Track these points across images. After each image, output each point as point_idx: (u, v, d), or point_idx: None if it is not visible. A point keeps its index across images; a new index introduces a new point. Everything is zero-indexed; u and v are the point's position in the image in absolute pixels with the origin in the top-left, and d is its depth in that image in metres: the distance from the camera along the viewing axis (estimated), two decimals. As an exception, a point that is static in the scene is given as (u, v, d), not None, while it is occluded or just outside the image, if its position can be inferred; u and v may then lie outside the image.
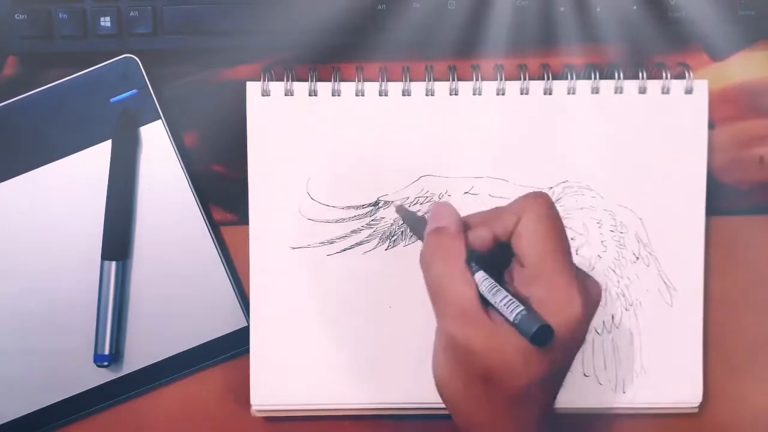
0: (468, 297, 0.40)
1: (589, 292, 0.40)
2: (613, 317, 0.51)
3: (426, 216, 0.50)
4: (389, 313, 0.51)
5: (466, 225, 0.43)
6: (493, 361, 0.39)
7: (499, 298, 0.40)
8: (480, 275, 0.41)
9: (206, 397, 0.53)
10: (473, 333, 0.39)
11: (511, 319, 0.39)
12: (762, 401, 0.53)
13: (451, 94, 0.51)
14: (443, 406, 0.51)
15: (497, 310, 0.40)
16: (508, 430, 0.40)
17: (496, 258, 0.43)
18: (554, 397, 0.42)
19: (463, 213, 0.44)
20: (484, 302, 0.40)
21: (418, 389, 0.51)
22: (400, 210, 0.51)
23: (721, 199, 0.52)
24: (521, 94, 0.51)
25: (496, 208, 0.43)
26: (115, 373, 0.52)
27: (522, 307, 0.39)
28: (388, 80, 0.51)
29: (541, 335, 0.38)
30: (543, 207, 0.41)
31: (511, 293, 0.40)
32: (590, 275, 0.41)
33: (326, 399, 0.51)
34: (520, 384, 0.39)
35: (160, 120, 0.52)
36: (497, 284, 0.40)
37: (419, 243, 0.51)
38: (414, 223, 0.49)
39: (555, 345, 0.38)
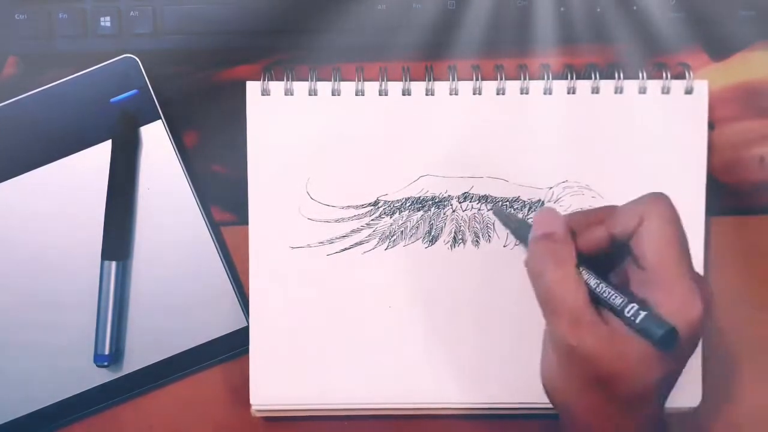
0: (582, 302, 0.40)
1: (704, 293, 0.40)
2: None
3: (527, 219, 0.50)
4: (389, 313, 0.51)
5: (572, 227, 0.43)
6: (612, 366, 0.39)
7: (618, 302, 0.40)
8: (592, 279, 0.41)
9: (206, 397, 0.53)
10: (590, 338, 0.39)
11: (636, 322, 0.39)
12: (762, 401, 0.53)
13: (450, 94, 0.51)
14: (443, 405, 0.51)
15: (614, 314, 0.40)
16: None
17: (602, 260, 0.42)
18: (666, 399, 0.42)
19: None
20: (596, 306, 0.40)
21: (417, 389, 0.51)
22: (499, 213, 0.50)
23: (721, 199, 0.52)
24: (521, 93, 0.51)
25: (607, 207, 0.43)
26: (115, 373, 0.52)
27: (645, 311, 0.39)
28: (388, 80, 0.51)
29: (666, 338, 0.38)
30: (668, 209, 0.41)
31: (627, 296, 0.40)
32: (700, 275, 0.41)
33: (326, 399, 0.51)
34: (639, 387, 0.39)
35: (160, 120, 0.52)
36: (613, 287, 0.40)
37: (419, 243, 0.51)
38: (514, 226, 0.48)
39: (676, 347, 0.38)
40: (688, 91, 0.51)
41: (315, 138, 0.51)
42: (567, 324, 0.40)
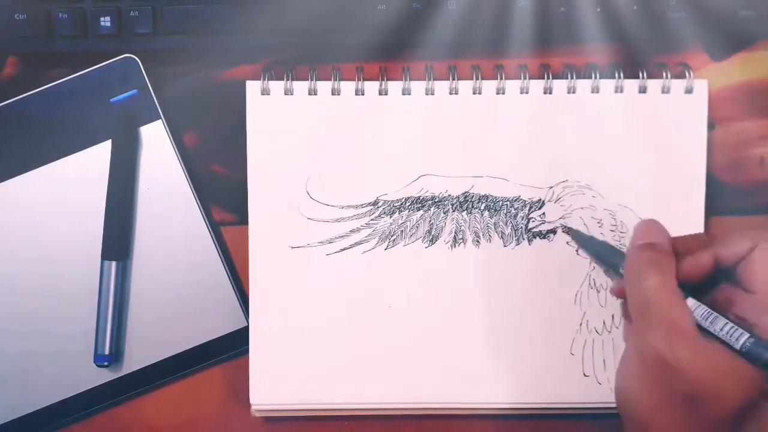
0: (682, 314, 0.40)
1: None
2: (613, 317, 0.51)
3: (602, 241, 0.50)
4: (389, 313, 0.51)
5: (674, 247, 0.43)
6: (703, 382, 0.38)
7: (721, 324, 0.40)
8: (691, 300, 0.41)
9: (206, 397, 0.53)
10: (685, 351, 0.39)
11: (739, 345, 0.39)
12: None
13: (451, 94, 0.51)
14: (442, 405, 0.51)
15: (715, 336, 0.40)
16: None
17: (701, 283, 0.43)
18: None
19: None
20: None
21: (417, 389, 0.51)
22: (578, 237, 0.50)
23: (721, 199, 0.52)
24: (521, 93, 0.51)
25: (702, 234, 0.45)
26: (115, 373, 0.52)
27: (749, 334, 0.39)
28: (388, 79, 0.51)
29: None
30: None
31: (731, 319, 0.40)
32: None
33: (326, 399, 0.51)
34: (728, 407, 0.38)
35: (160, 120, 0.52)
36: (712, 310, 0.40)
37: (419, 242, 0.51)
38: (596, 249, 0.49)
39: None
40: (689, 91, 0.51)
41: (315, 138, 0.51)
42: (664, 334, 0.39)
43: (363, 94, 0.51)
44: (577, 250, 0.51)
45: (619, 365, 0.43)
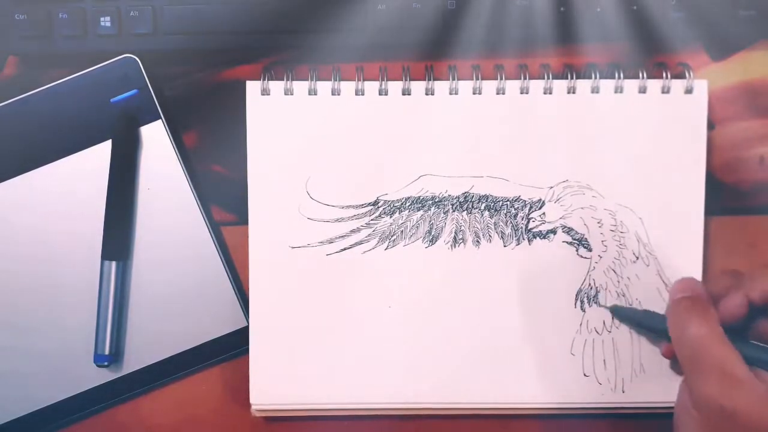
0: (733, 359, 0.39)
1: None
2: (613, 317, 0.51)
3: (643, 310, 0.50)
4: (389, 313, 0.51)
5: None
6: (765, 427, 0.37)
7: None
8: (742, 342, 0.40)
9: (206, 397, 0.53)
10: (744, 397, 0.38)
11: None
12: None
13: (450, 94, 0.51)
14: (442, 405, 0.51)
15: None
16: None
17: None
18: None
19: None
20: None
21: (417, 389, 0.51)
22: (617, 311, 0.51)
23: (721, 199, 0.52)
24: (521, 93, 0.51)
25: (736, 272, 0.44)
26: (115, 373, 0.52)
27: None
28: (388, 80, 0.51)
29: None
30: None
31: None
32: None
33: (326, 399, 0.51)
34: None
35: (160, 120, 0.52)
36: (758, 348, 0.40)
37: (419, 242, 0.51)
38: (639, 318, 0.50)
39: None
40: (688, 91, 0.51)
41: (315, 138, 0.51)
42: (716, 381, 0.38)
43: (363, 94, 0.51)
44: (577, 250, 0.51)
45: (675, 416, 0.42)
